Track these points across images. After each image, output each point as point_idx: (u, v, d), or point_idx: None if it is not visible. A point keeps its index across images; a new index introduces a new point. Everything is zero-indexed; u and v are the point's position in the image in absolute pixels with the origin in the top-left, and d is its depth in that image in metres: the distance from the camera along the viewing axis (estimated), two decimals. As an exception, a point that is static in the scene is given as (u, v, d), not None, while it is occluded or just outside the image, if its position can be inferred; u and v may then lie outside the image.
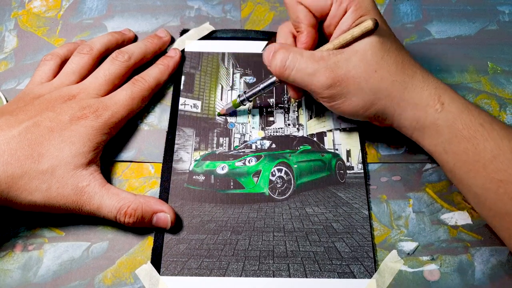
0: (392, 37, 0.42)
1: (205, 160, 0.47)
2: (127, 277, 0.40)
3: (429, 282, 0.41)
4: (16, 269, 0.40)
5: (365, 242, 0.42)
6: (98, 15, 0.55)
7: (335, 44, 0.41)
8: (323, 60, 0.40)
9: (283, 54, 0.42)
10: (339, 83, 0.40)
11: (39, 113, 0.41)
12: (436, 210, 0.44)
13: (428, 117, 0.39)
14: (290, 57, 0.41)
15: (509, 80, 0.51)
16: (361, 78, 0.40)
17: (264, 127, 0.49)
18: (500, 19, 0.56)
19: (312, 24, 0.43)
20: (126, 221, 0.40)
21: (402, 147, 0.47)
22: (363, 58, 0.40)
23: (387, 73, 0.40)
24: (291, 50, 0.42)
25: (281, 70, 0.42)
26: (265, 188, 0.45)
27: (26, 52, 0.52)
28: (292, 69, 0.41)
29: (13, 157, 0.38)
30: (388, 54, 0.40)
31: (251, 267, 0.41)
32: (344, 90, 0.40)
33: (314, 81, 0.41)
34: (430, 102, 0.39)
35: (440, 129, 0.39)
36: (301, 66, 0.41)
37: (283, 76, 0.43)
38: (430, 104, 0.39)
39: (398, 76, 0.40)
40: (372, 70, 0.40)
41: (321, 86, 0.41)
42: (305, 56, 0.41)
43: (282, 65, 0.42)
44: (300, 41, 0.43)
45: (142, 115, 0.48)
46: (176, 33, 0.54)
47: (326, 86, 0.40)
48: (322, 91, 0.41)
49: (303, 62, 0.41)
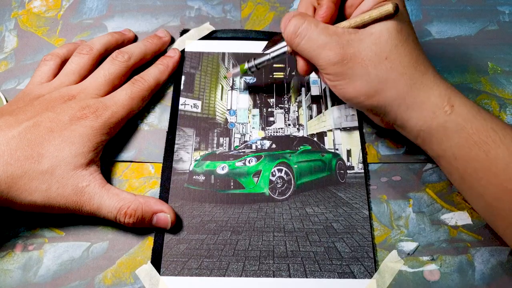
0: (411, 29, 0.40)
1: (205, 160, 0.47)
2: (127, 277, 0.40)
3: (429, 282, 0.41)
4: (16, 269, 0.40)
5: (365, 242, 0.42)
6: (98, 15, 0.55)
7: (352, 23, 0.40)
8: (336, 35, 0.39)
9: (297, 20, 0.40)
10: (346, 61, 0.39)
11: (39, 114, 0.41)
12: (436, 210, 0.44)
13: (436, 118, 0.38)
14: (305, 25, 0.40)
15: (509, 80, 0.51)
16: (370, 61, 0.38)
17: (264, 127, 0.49)
18: (500, 19, 0.56)
19: None
20: (126, 221, 0.40)
21: (402, 147, 0.47)
22: (376, 42, 0.38)
23: (398, 63, 0.38)
24: (307, 18, 0.40)
25: (293, 36, 0.41)
26: (265, 188, 0.45)
27: (26, 52, 0.52)
28: (304, 37, 0.40)
29: (13, 157, 0.38)
30: (403, 45, 0.39)
31: (251, 267, 0.41)
32: (350, 70, 0.39)
33: (323, 54, 0.39)
34: (439, 103, 0.38)
35: (449, 132, 0.37)
36: (313, 35, 0.40)
37: (294, 43, 0.41)
38: (438, 105, 0.38)
39: (408, 69, 0.38)
40: (383, 56, 0.38)
41: (328, 60, 0.39)
42: (319, 27, 0.40)
43: (295, 30, 0.40)
44: (319, 14, 0.41)
45: (142, 115, 0.48)
46: (176, 33, 0.54)
47: (333, 62, 0.39)
48: (328, 66, 0.39)
49: (316, 32, 0.39)
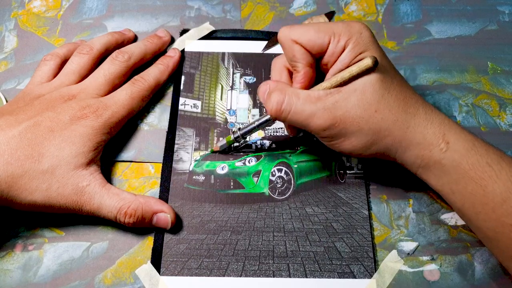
0: (393, 72, 0.40)
1: (205, 160, 0.47)
2: (127, 277, 0.40)
3: (429, 282, 0.41)
4: (16, 269, 0.40)
5: (365, 242, 0.42)
6: (98, 15, 0.55)
7: (333, 83, 0.39)
8: (320, 100, 0.38)
9: (278, 96, 0.39)
10: (337, 124, 0.38)
11: (39, 113, 0.41)
12: (436, 210, 0.44)
13: (432, 156, 0.38)
14: (286, 100, 0.39)
15: (509, 80, 0.51)
16: (361, 118, 0.38)
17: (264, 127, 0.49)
18: (500, 19, 0.56)
19: (309, 63, 0.40)
20: (126, 221, 0.40)
21: (402, 147, 0.47)
22: (362, 98, 0.38)
23: (388, 112, 0.38)
24: (286, 91, 0.39)
25: (278, 113, 0.39)
26: (265, 188, 0.45)
27: (26, 52, 0.52)
28: (289, 112, 0.39)
29: (13, 157, 0.38)
30: (389, 92, 0.38)
31: (251, 267, 0.41)
32: (343, 131, 0.38)
33: (312, 123, 0.39)
34: (434, 141, 0.38)
35: (446, 169, 0.38)
36: (297, 109, 0.39)
37: (280, 119, 0.40)
38: (434, 143, 0.38)
39: (399, 115, 0.38)
40: (372, 110, 0.38)
41: (319, 127, 0.39)
42: (301, 98, 0.39)
43: (278, 108, 0.39)
44: (296, 80, 0.40)
45: (142, 115, 0.48)
46: (176, 33, 0.54)
47: (324, 127, 0.38)
48: (320, 132, 0.39)
49: (299, 104, 0.39)
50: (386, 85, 0.38)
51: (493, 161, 0.37)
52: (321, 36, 0.39)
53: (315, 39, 0.39)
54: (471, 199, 0.37)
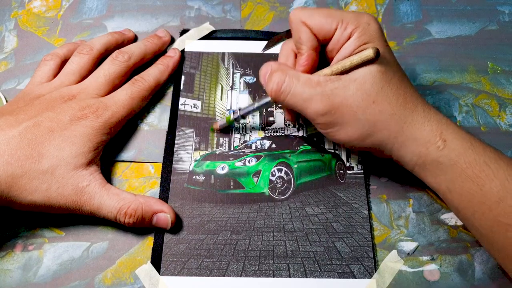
0: (396, 67, 0.40)
1: (205, 160, 0.47)
2: (127, 277, 0.40)
3: (429, 282, 0.41)
4: (16, 269, 0.41)
5: (365, 242, 0.42)
6: (98, 15, 0.55)
7: (334, 70, 0.39)
8: (319, 85, 0.39)
9: (279, 76, 0.40)
10: (334, 111, 0.38)
11: (39, 113, 0.41)
12: (436, 210, 0.44)
13: (429, 154, 0.38)
14: (287, 81, 0.40)
15: (509, 80, 0.51)
16: (358, 108, 0.38)
17: (264, 127, 0.49)
18: (500, 19, 0.56)
19: (314, 47, 0.40)
20: (126, 221, 0.40)
21: (402, 147, 0.47)
22: (361, 87, 0.38)
23: (387, 105, 0.38)
24: (288, 73, 0.40)
25: (277, 93, 0.40)
26: (265, 188, 0.45)
27: (26, 52, 0.52)
28: (288, 93, 0.40)
29: (13, 157, 0.38)
30: (389, 85, 0.38)
31: (251, 267, 0.41)
32: (339, 119, 0.39)
33: (309, 107, 0.39)
34: (431, 139, 0.38)
35: (443, 167, 0.37)
36: (297, 90, 0.39)
37: (279, 100, 0.41)
38: (431, 141, 0.38)
39: (397, 109, 0.38)
40: (371, 100, 0.38)
41: (316, 112, 0.39)
42: (301, 81, 0.39)
43: (278, 88, 0.40)
44: (299, 63, 0.41)
45: (142, 115, 0.48)
46: (176, 33, 0.54)
47: (321, 113, 0.39)
48: (316, 117, 0.39)
49: (299, 86, 0.39)
50: (387, 77, 0.38)
51: (491, 160, 0.36)
52: (329, 21, 0.39)
53: (323, 23, 0.40)
54: (468, 198, 0.37)
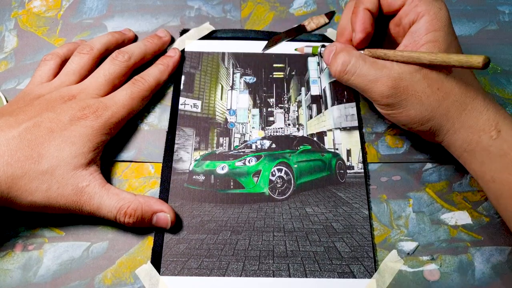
0: None
1: (205, 160, 0.47)
2: (127, 277, 0.40)
3: (429, 282, 0.41)
4: (16, 269, 0.41)
5: (365, 242, 0.42)
6: (98, 15, 0.55)
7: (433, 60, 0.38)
8: (386, 68, 0.39)
9: (344, 57, 0.41)
10: (399, 94, 0.39)
11: (39, 114, 0.41)
12: (436, 210, 0.44)
13: (481, 142, 0.38)
14: (353, 61, 0.41)
15: (509, 80, 0.51)
16: (423, 93, 0.39)
17: (264, 127, 0.49)
18: (500, 19, 0.56)
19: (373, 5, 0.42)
20: (126, 221, 0.40)
21: (402, 147, 0.47)
22: (427, 76, 0.39)
23: (450, 91, 0.39)
24: (353, 54, 0.41)
25: (341, 73, 0.41)
26: (265, 188, 0.45)
27: (26, 52, 0.52)
28: (353, 74, 0.41)
29: (13, 157, 0.38)
30: (453, 73, 0.39)
31: (251, 267, 0.41)
32: (404, 102, 0.40)
33: (374, 88, 0.40)
34: (486, 128, 0.38)
35: (491, 156, 0.38)
36: (362, 72, 0.40)
37: (343, 79, 0.42)
38: (485, 129, 0.38)
39: (460, 96, 0.39)
40: (436, 87, 0.39)
41: (380, 94, 0.40)
42: (367, 63, 0.40)
43: (343, 69, 0.41)
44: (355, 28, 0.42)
45: (142, 115, 0.48)
46: (176, 33, 0.54)
47: (386, 95, 0.40)
48: (381, 98, 0.40)
49: (365, 68, 0.40)
50: None
51: None
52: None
53: None
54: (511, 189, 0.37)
